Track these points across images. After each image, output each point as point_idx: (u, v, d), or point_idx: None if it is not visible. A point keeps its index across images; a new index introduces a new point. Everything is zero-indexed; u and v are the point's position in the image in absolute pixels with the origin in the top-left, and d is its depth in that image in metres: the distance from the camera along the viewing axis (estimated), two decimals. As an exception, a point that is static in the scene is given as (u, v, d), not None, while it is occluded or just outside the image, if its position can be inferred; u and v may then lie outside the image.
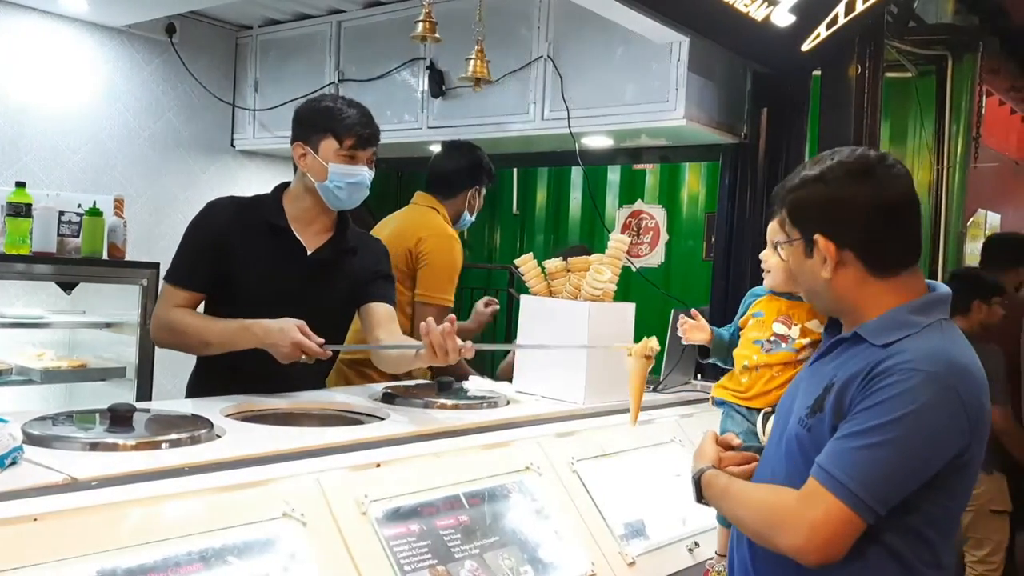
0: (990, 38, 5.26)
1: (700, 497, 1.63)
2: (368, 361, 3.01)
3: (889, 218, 1.46)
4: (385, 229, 3.09)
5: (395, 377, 3.00)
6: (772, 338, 1.85)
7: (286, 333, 2.06)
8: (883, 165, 1.46)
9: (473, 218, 3.28)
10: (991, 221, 6.30)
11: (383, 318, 2.34)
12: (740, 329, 2.02)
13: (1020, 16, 5.23)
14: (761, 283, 1.99)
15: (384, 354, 2.31)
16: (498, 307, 3.37)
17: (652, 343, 1.89)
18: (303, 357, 2.07)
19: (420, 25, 3.06)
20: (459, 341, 1.95)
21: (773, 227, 1.85)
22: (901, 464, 1.35)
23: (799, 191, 1.51)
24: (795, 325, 1.83)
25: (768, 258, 1.88)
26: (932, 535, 1.42)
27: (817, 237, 1.46)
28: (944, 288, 1.51)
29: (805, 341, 1.82)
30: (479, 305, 3.37)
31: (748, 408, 1.90)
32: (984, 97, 5.39)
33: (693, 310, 2.15)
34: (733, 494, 1.55)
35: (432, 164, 3.30)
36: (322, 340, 2.09)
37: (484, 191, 3.27)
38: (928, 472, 1.36)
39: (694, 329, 2.11)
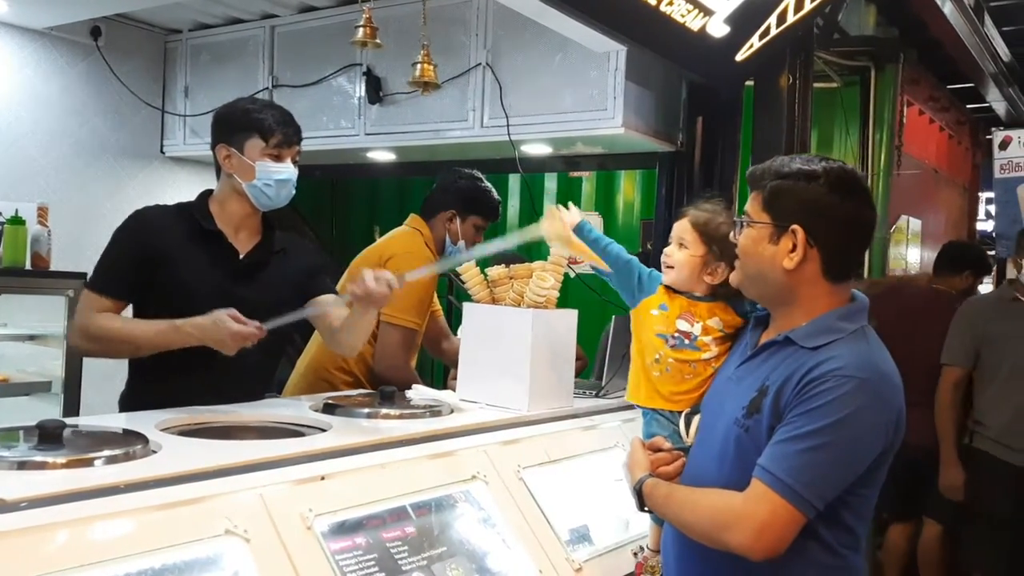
0: (910, 50, 5.47)
1: (642, 506, 1.70)
2: (329, 369, 2.98)
3: (859, 234, 1.59)
4: (375, 244, 3.08)
5: (361, 383, 2.97)
6: (676, 335, 1.87)
7: (220, 328, 2.02)
8: (865, 187, 1.60)
9: (460, 248, 3.05)
10: (913, 227, 6.53)
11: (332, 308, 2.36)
12: (634, 309, 2.00)
13: (937, 28, 5.44)
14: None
15: (340, 335, 2.33)
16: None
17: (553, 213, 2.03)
18: (248, 343, 2.05)
19: (361, 30, 3.02)
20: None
21: (683, 225, 1.91)
22: (839, 464, 1.46)
23: (788, 180, 1.56)
24: (697, 323, 1.86)
25: (673, 254, 1.91)
26: (853, 521, 1.54)
27: (796, 228, 1.53)
28: (863, 297, 1.64)
29: (708, 339, 1.85)
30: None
31: (671, 411, 1.91)
32: (905, 107, 5.58)
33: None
34: (677, 500, 1.62)
35: None
36: (256, 323, 2.06)
37: (473, 222, 3.07)
38: (860, 469, 1.49)
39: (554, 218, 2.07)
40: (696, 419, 1.80)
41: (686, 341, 1.86)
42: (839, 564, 1.54)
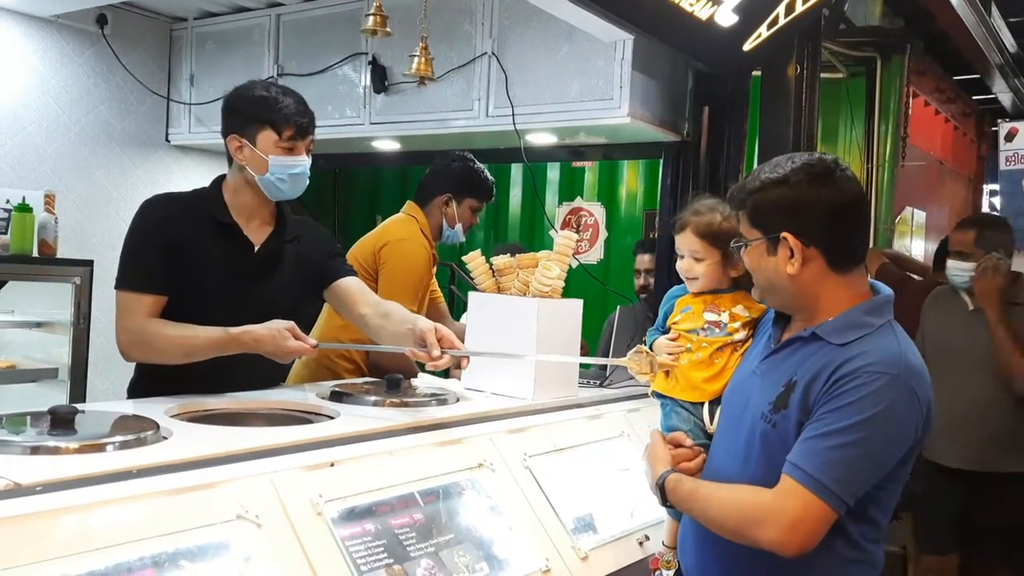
0: (916, 40, 5.44)
1: (665, 501, 1.70)
2: (331, 356, 2.98)
3: (849, 217, 1.57)
4: (370, 233, 3.10)
5: (362, 370, 2.99)
6: (706, 326, 1.91)
7: (280, 344, 2.05)
8: (839, 169, 1.56)
9: (457, 231, 3.14)
10: (917, 219, 6.52)
11: (357, 292, 2.34)
12: (669, 329, 2.03)
13: (944, 19, 5.41)
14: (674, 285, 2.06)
15: (372, 333, 2.30)
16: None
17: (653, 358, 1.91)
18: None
19: (371, 19, 3.02)
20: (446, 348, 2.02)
21: (689, 238, 1.92)
22: (870, 460, 1.46)
23: (761, 193, 1.58)
24: (724, 312, 1.90)
25: (692, 268, 1.94)
26: (877, 515, 1.56)
27: (786, 235, 1.54)
28: (887, 290, 1.63)
29: (736, 324, 1.89)
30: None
31: (692, 403, 1.92)
32: (911, 98, 5.57)
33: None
34: (703, 496, 1.62)
35: None
36: (314, 341, 2.10)
37: (469, 204, 3.14)
38: (891, 465, 1.49)
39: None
40: (719, 409, 1.81)
41: (716, 330, 1.90)
42: (862, 557, 1.55)
